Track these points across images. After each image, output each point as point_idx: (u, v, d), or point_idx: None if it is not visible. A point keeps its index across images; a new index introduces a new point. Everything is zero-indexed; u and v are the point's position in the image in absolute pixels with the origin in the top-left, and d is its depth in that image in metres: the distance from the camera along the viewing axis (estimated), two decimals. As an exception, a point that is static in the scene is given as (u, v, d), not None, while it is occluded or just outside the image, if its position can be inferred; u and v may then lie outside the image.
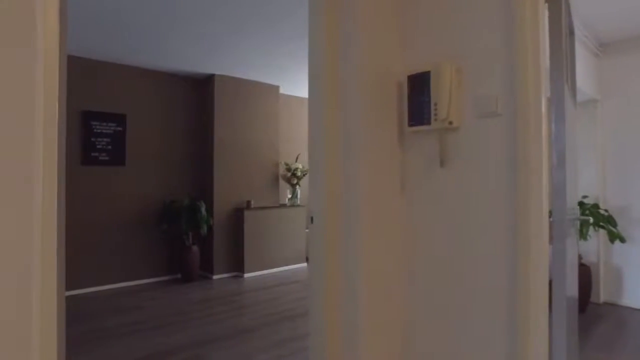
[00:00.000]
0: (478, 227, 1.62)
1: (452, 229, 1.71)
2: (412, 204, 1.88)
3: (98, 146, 4.56)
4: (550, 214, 1.53)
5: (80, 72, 4.48)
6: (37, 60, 0.87)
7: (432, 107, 1.73)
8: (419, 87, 1.78)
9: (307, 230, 5.80)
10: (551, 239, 1.52)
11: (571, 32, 2.01)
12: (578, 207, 2.09)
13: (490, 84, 1.60)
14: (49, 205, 0.91)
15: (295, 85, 5.87)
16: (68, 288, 4.36)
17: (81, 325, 3.46)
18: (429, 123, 1.74)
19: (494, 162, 1.58)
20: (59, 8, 0.95)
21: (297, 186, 6.08)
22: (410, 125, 1.82)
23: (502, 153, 1.55)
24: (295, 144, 6.47)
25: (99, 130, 4.56)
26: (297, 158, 6.34)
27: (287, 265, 5.69)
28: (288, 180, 6.07)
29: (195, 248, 5.01)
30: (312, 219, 1.86)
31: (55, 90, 0.92)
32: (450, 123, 1.68)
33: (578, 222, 1.90)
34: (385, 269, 1.83)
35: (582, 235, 3.65)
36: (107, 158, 4.62)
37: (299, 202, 6.07)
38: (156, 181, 5.05)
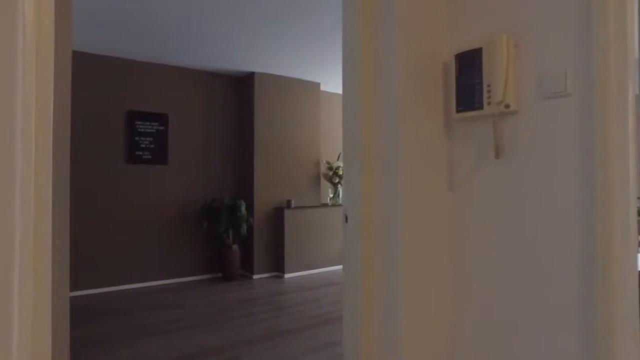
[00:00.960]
0: (543, 231, 1.35)
1: (510, 234, 1.46)
2: (461, 202, 1.64)
3: (141, 145, 4.65)
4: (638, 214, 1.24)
5: (125, 73, 4.59)
6: (19, 59, 0.76)
7: (485, 88, 1.48)
8: (468, 66, 1.54)
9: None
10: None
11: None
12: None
13: (556, 57, 1.33)
14: (44, 204, 0.82)
15: (336, 82, 5.70)
16: (110, 284, 4.48)
17: (123, 321, 3.51)
18: (480, 108, 1.50)
19: (563, 151, 1.31)
20: (54, 3, 0.85)
21: (339, 185, 5.90)
22: (459, 111, 1.58)
23: (574, 140, 1.28)
24: (336, 142, 6.30)
25: (142, 130, 4.66)
26: (338, 157, 6.16)
27: (328, 266, 5.53)
28: (329, 179, 5.90)
29: (235, 247, 4.99)
30: (346, 217, 1.68)
31: (50, 88, 0.83)
32: (507, 107, 1.42)
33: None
34: (430, 276, 1.61)
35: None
36: (149, 157, 4.71)
37: (340, 201, 5.88)
38: (197, 180, 5.09)
